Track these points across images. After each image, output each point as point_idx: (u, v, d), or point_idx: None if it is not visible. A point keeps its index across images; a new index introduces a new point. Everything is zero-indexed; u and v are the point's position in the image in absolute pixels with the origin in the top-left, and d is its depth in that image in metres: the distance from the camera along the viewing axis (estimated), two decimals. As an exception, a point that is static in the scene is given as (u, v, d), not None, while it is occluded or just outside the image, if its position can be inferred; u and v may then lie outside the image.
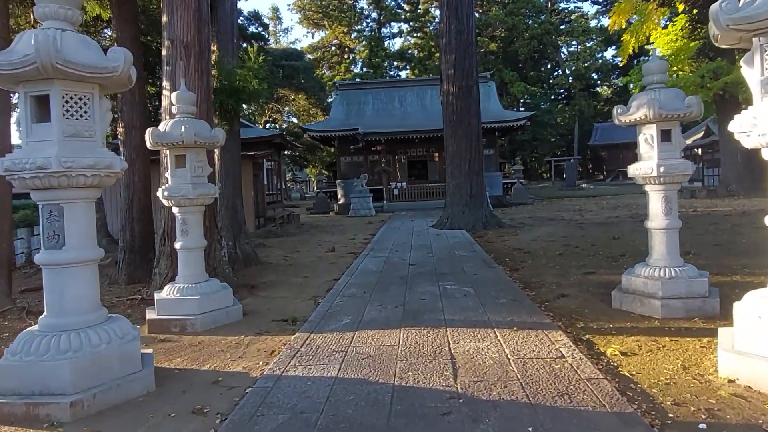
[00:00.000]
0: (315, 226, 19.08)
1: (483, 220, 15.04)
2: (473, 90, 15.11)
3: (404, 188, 27.08)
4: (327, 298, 6.70)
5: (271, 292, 7.40)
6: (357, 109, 31.21)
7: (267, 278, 8.49)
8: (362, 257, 10.26)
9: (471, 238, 12.86)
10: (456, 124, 15.08)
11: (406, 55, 52.35)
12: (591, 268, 8.08)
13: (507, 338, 4.61)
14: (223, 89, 8.77)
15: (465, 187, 15.16)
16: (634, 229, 13.24)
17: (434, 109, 30.16)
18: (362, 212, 23.07)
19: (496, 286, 6.87)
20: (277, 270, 9.26)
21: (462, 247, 11.03)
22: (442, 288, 6.92)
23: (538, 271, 8.05)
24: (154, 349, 4.86)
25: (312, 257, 10.80)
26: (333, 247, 11.85)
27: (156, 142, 5.49)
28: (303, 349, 4.57)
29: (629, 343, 4.48)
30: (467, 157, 15.08)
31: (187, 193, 5.55)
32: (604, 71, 50.77)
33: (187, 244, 5.71)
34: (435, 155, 29.55)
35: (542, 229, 14.07)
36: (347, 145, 28.33)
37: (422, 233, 14.31)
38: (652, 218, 5.48)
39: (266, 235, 15.20)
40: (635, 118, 5.38)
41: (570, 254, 9.60)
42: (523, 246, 11.09)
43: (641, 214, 17.99)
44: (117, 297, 7.37)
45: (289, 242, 13.81)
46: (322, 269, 9.19)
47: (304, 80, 37.40)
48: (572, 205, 24.02)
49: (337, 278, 8.15)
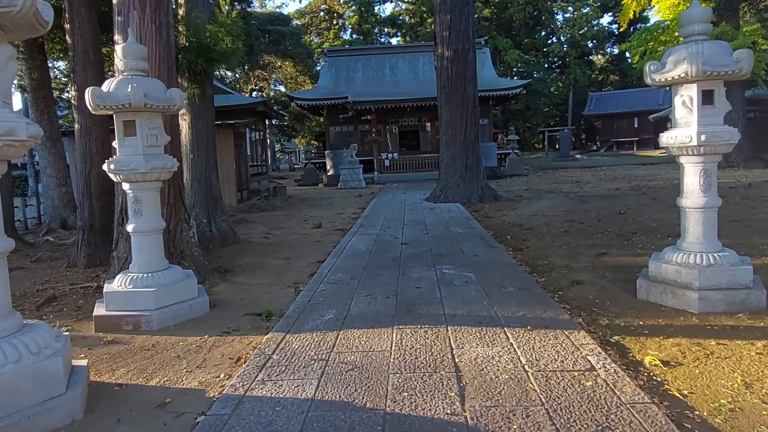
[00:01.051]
0: (302, 199, 18.18)
1: (479, 193, 14.23)
2: (469, 54, 14.08)
3: (396, 159, 26.13)
4: (309, 285, 5.89)
5: (246, 278, 6.58)
6: (346, 76, 29.95)
7: (244, 260, 7.65)
8: (351, 234, 9.44)
9: (467, 212, 12.06)
10: (451, 91, 14.11)
11: (397, 21, 50.56)
12: (602, 247, 7.31)
13: (521, 341, 3.84)
14: (192, 47, 7.75)
15: (460, 158, 14.28)
16: (638, 202, 12.51)
17: (427, 77, 28.99)
18: (352, 184, 22.17)
19: (501, 271, 6.09)
20: (256, 250, 8.42)
21: (458, 223, 10.24)
22: (440, 273, 6.12)
23: (545, 252, 7.28)
24: (97, 355, 4.05)
25: (296, 234, 9.96)
26: (319, 222, 11.01)
27: (98, 105, 4.55)
28: (275, 357, 3.77)
29: (669, 347, 3.72)
30: (462, 126, 14.16)
31: (138, 166, 4.65)
32: (600, 38, 49.40)
33: (141, 227, 4.84)
34: (427, 125, 28.52)
35: (541, 203, 13.30)
36: (336, 114, 27.20)
37: (415, 207, 13.49)
38: (688, 195, 4.67)
39: (249, 209, 14.31)
40: (672, 77, 4.51)
41: (576, 231, 8.83)
42: (523, 222, 10.32)
43: (642, 186, 17.29)
44: (71, 284, 6.51)
45: (273, 217, 12.93)
46: (307, 249, 8.36)
47: (291, 46, 35.78)
48: (568, 177, 23.27)
49: (322, 260, 7.33)
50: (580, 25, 47.23)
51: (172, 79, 6.15)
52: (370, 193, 19.13)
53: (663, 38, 25.02)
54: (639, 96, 44.97)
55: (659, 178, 20.23)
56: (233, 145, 14.12)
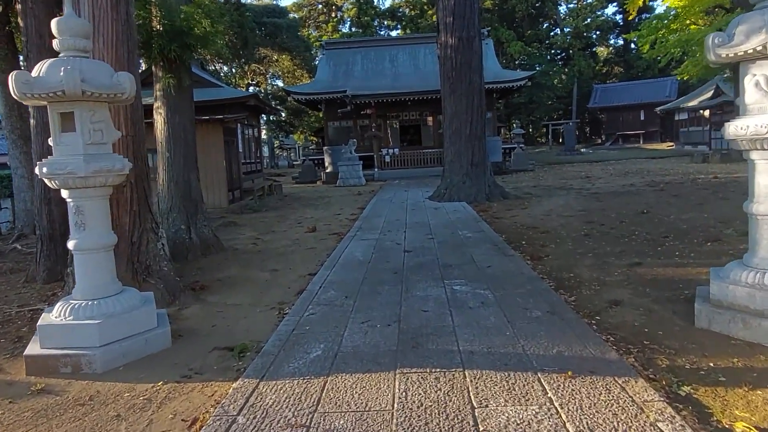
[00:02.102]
0: (299, 198, 17.28)
1: (486, 191, 13.31)
2: (475, 41, 13.13)
3: (396, 155, 25.17)
4: (296, 307, 4.98)
5: (225, 296, 5.68)
6: (345, 69, 28.93)
7: (225, 273, 6.74)
8: (348, 240, 8.52)
9: (475, 212, 11.15)
10: (455, 81, 13.16)
11: (397, 14, 49.48)
12: (633, 255, 6.40)
13: (562, 395, 2.93)
14: (165, 31, 6.82)
15: (465, 154, 13.35)
16: (658, 199, 11.60)
17: (428, 70, 27.96)
18: (351, 181, 21.25)
19: (521, 287, 5.18)
20: (241, 259, 7.51)
21: (466, 225, 9.32)
22: (450, 290, 5.21)
23: (568, 261, 6.37)
24: (16, 413, 3.15)
25: (288, 240, 9.05)
26: (314, 225, 10.09)
27: (24, 94, 3.64)
28: (240, 420, 2.86)
29: (760, 405, 2.81)
30: (468, 119, 13.22)
31: (77, 168, 3.74)
32: (605, 29, 48.25)
33: (85, 243, 3.94)
34: (429, 119, 27.54)
35: (553, 201, 12.38)
36: (335, 108, 26.20)
37: (418, 206, 12.57)
38: (761, 199, 3.75)
39: (241, 210, 13.40)
40: (743, 51, 3.58)
41: (598, 235, 7.92)
42: (537, 223, 9.40)
43: (657, 181, 16.34)
44: (20, 305, 5.61)
45: (265, 219, 12.02)
46: (298, 258, 7.46)
47: (288, 39, 34.68)
48: (577, 172, 22.34)
49: (313, 272, 6.43)
50: (584, 15, 46.11)
51: (133, 67, 5.22)
52: (370, 191, 18.21)
53: (673, 26, 24.06)
54: (645, 88, 43.93)
55: (673, 172, 19.29)
56: (223, 142, 13.20)
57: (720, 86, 29.69)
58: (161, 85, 7.49)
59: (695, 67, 22.98)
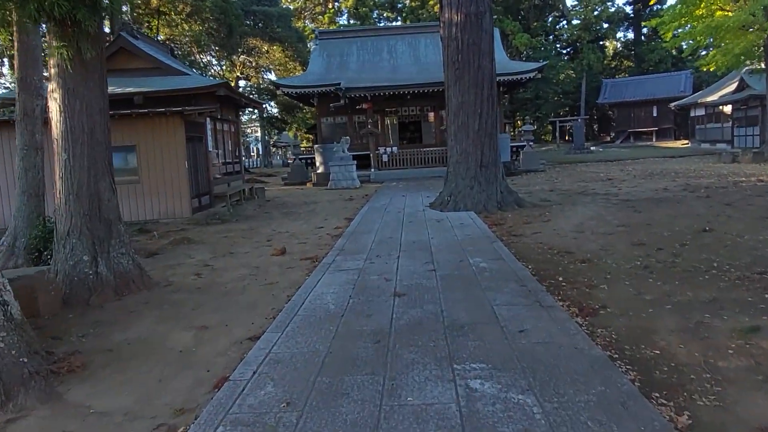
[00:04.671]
0: (282, 203, 15.13)
1: (497, 198, 11.16)
2: (485, 18, 10.95)
3: (394, 153, 23.01)
4: (197, 426, 2.85)
5: (100, 389, 3.54)
6: (339, 61, 26.72)
7: (129, 332, 4.61)
8: (322, 270, 6.38)
9: (486, 226, 9.01)
10: (461, 67, 10.98)
11: (396, 5, 47.22)
12: (737, 309, 4.26)
13: None
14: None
15: (474, 154, 11.19)
16: (709, 209, 9.47)
17: (429, 61, 25.80)
18: (344, 183, 19.10)
19: (586, 386, 3.04)
20: (166, 305, 5.37)
21: (478, 248, 7.18)
22: (465, 394, 3.06)
23: (638, 319, 4.23)
24: None
25: (245, 268, 6.91)
26: (284, 247, 7.93)
27: None
28: None
29: None
30: (477, 111, 11.05)
31: None
32: (615, 21, 45.92)
33: None
34: (430, 115, 25.35)
35: (579, 211, 10.23)
36: (328, 103, 24.02)
37: (417, 218, 10.42)
38: None
39: (206, 220, 11.26)
40: None
41: (661, 267, 5.78)
42: (569, 245, 7.26)
43: (691, 184, 14.14)
44: None
45: (230, 234, 9.88)
46: (245, 303, 5.32)
47: (280, 29, 32.39)
48: (593, 173, 20.19)
49: (257, 335, 4.31)
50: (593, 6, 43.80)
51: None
52: (364, 195, 16.06)
53: (698, 12, 21.87)
54: (658, 82, 41.67)
55: (705, 174, 17.11)
56: (184, 139, 11.04)
57: (745, 79, 27.40)
58: (55, 60, 5.34)
59: (725, 56, 20.80)
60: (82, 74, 5.44)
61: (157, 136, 10.96)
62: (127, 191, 11.12)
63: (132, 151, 11.03)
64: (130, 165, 11.12)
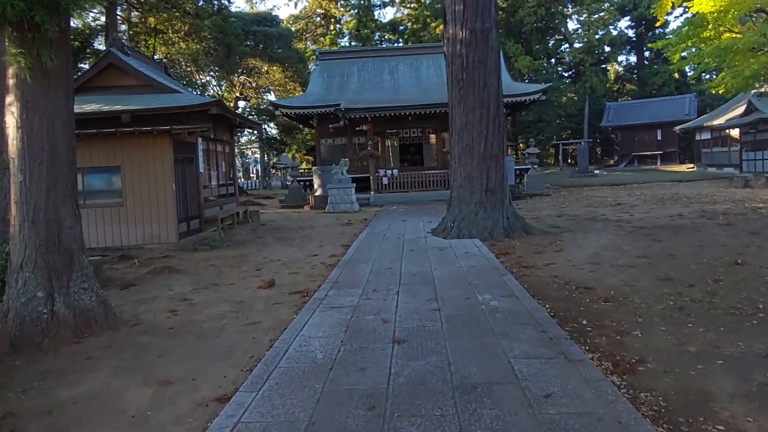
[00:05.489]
0: (276, 228, 14.45)
1: (504, 224, 10.47)
2: (491, 35, 10.42)
3: (395, 176, 22.40)
4: None
5: (23, 469, 2.81)
6: (339, 81, 26.34)
7: (78, 388, 3.88)
8: (311, 308, 5.66)
9: (493, 256, 8.31)
10: (466, 85, 10.41)
11: (398, 28, 47.18)
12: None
13: None
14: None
15: (479, 177, 10.54)
16: (733, 239, 8.81)
17: (431, 82, 25.41)
18: (342, 207, 18.43)
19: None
20: (127, 351, 4.64)
21: (486, 282, 6.47)
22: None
23: (686, 379, 3.51)
24: None
25: (227, 304, 6.19)
26: (272, 279, 7.22)
27: None
28: None
29: None
30: (482, 132, 10.44)
31: None
32: (618, 44, 45.78)
33: None
34: (432, 137, 24.85)
35: (592, 239, 9.53)
36: (327, 124, 23.56)
37: (418, 246, 9.72)
38: None
39: (194, 246, 10.56)
40: None
41: (698, 307, 5.06)
42: (586, 278, 6.55)
43: (707, 210, 13.46)
44: None
45: (218, 261, 9.18)
46: (219, 351, 4.58)
47: (280, 49, 32.09)
48: (601, 197, 19.53)
49: (227, 394, 3.58)
50: (595, 29, 43.70)
51: None
52: (362, 219, 15.38)
53: (706, 34, 21.49)
54: (662, 105, 41.26)
55: (719, 199, 16.44)
56: (172, 160, 10.41)
57: (753, 102, 26.92)
58: (13, 69, 4.73)
59: (734, 78, 20.32)
60: (42, 86, 4.81)
61: (143, 157, 10.34)
62: (110, 215, 10.47)
63: (116, 172, 10.39)
64: (115, 186, 10.48)
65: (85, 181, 10.36)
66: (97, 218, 10.38)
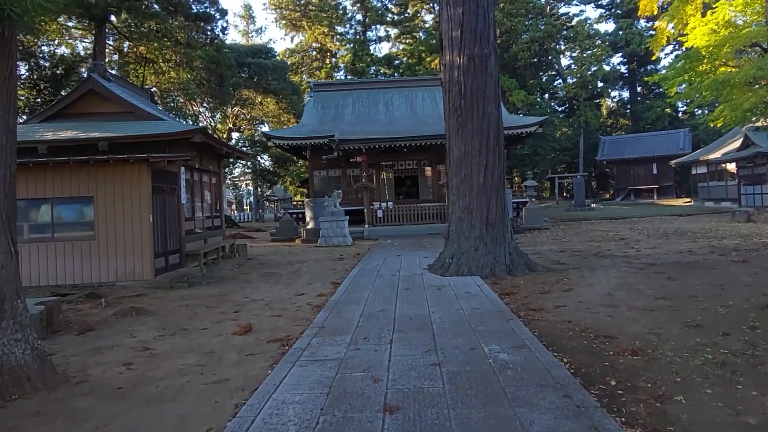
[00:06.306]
0: (264, 263, 13.64)
1: (506, 261, 9.75)
2: (490, 62, 9.91)
3: (390, 209, 21.77)
4: None
5: None
6: (334, 113, 25.95)
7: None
8: (289, 361, 4.85)
9: (497, 297, 7.54)
10: (464, 114, 9.84)
11: (393, 62, 47.40)
12: None
13: None
14: None
15: (478, 210, 9.87)
16: (755, 276, 8.17)
17: (427, 114, 25.07)
18: (335, 240, 17.68)
19: None
20: (58, 421, 3.79)
21: (492, 329, 5.69)
22: None
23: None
24: None
25: (193, 355, 5.36)
26: (249, 324, 6.40)
27: None
28: None
29: None
30: (482, 163, 9.82)
31: None
32: (611, 79, 46.10)
33: None
34: (427, 169, 24.35)
35: (602, 278, 8.80)
36: (321, 155, 23.04)
37: (414, 284, 8.95)
38: None
39: (171, 283, 9.73)
40: None
41: (743, 364, 4.31)
42: (604, 324, 5.80)
43: (718, 246, 12.79)
44: None
45: (194, 301, 8.34)
46: (170, 421, 3.75)
47: (275, 81, 31.85)
48: (602, 231, 18.91)
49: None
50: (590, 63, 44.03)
51: None
52: (356, 254, 14.62)
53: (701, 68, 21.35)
54: (657, 140, 41.21)
55: (725, 234, 15.84)
56: (150, 190, 9.69)
57: (749, 136, 26.69)
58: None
59: (733, 111, 20.03)
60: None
61: (118, 186, 9.62)
62: (80, 249, 9.68)
63: (89, 203, 9.65)
64: (86, 218, 9.72)
65: (54, 212, 9.65)
66: (66, 252, 9.59)
